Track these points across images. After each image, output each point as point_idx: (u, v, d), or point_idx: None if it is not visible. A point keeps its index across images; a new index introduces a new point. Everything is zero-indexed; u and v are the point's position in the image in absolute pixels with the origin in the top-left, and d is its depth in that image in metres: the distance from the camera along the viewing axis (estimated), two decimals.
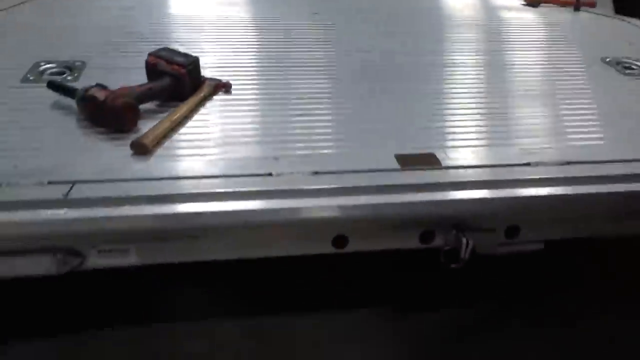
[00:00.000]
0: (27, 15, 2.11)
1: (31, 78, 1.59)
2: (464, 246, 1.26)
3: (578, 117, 1.60)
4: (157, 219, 1.11)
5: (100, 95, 1.33)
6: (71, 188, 1.13)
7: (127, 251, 1.18)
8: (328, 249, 1.26)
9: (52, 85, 1.45)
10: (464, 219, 1.26)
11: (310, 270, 1.75)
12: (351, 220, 1.21)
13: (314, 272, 1.75)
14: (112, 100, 1.32)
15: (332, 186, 1.20)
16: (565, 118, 1.61)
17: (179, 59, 1.50)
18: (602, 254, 1.83)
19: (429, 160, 1.32)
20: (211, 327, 1.53)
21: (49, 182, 1.15)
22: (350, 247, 1.27)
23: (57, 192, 1.12)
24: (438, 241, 1.30)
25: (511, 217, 1.29)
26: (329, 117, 1.51)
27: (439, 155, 1.34)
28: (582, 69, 1.95)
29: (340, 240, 1.25)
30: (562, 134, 1.52)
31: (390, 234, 1.28)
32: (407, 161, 1.31)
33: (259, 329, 1.54)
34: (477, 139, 1.45)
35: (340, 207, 1.18)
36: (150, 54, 1.53)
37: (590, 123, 1.57)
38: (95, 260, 1.18)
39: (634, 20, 2.54)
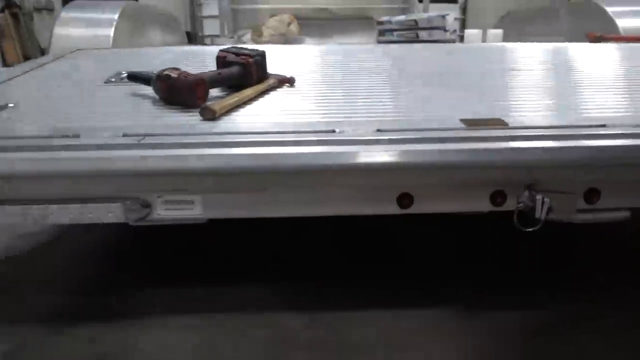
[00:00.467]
0: (114, 51, 2.34)
1: (113, 80, 1.72)
2: (539, 204, 1.18)
3: None
4: (219, 160, 1.13)
5: (174, 73, 1.42)
6: (143, 138, 1.18)
7: (192, 202, 1.19)
8: (393, 208, 1.22)
9: (131, 76, 1.57)
10: (537, 176, 1.19)
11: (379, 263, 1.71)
12: (416, 172, 1.17)
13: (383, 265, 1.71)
14: (184, 77, 1.41)
15: (396, 137, 1.18)
16: None
17: (247, 51, 1.59)
18: None
19: (496, 122, 1.29)
20: (276, 318, 1.48)
21: (124, 135, 1.21)
22: (416, 208, 1.22)
23: (130, 141, 1.17)
24: (510, 203, 1.23)
25: (590, 176, 1.21)
26: (393, 97, 1.51)
27: (507, 120, 1.30)
28: None
29: (405, 199, 1.21)
30: None
31: (458, 194, 1.22)
32: (473, 123, 1.28)
33: (323, 322, 1.47)
34: (547, 109, 1.40)
35: (404, 155, 1.15)
36: (220, 50, 1.63)
37: None
38: (162, 212, 1.19)
39: None
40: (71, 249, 1.98)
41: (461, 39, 6.08)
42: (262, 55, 1.60)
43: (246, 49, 1.63)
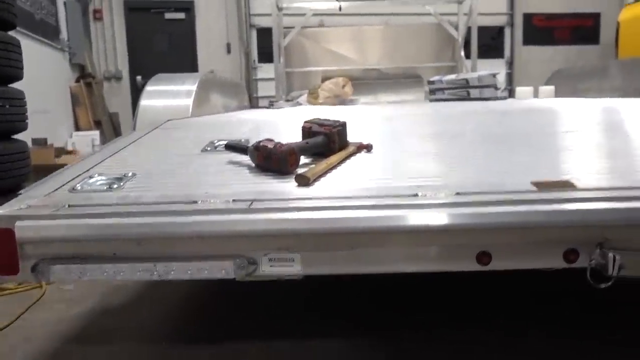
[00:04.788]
0: (201, 120, 2.61)
1: (208, 149, 1.94)
2: (610, 261, 1.27)
3: None
4: (318, 223, 1.30)
5: (270, 144, 1.62)
6: (251, 204, 1.37)
7: (292, 260, 1.35)
8: (473, 265, 1.34)
9: (229, 146, 1.78)
10: (607, 235, 1.29)
11: None
12: (494, 233, 1.30)
13: None
14: (279, 147, 1.60)
15: (474, 199, 1.32)
16: None
17: (329, 122, 1.79)
18: None
19: (565, 184, 1.40)
20: None
21: (234, 200, 1.40)
22: (494, 265, 1.34)
23: (240, 205, 1.36)
24: (582, 261, 1.32)
25: None
26: (464, 162, 1.66)
27: (575, 182, 1.42)
28: None
29: (484, 257, 1.33)
30: None
31: (533, 252, 1.33)
32: (544, 185, 1.40)
33: None
34: (612, 171, 1.51)
35: (483, 217, 1.28)
36: (305, 122, 1.83)
37: None
38: (266, 269, 1.36)
39: None
40: (159, 302, 2.17)
41: (510, 92, 6.22)
42: (343, 125, 1.79)
43: (328, 120, 1.83)
